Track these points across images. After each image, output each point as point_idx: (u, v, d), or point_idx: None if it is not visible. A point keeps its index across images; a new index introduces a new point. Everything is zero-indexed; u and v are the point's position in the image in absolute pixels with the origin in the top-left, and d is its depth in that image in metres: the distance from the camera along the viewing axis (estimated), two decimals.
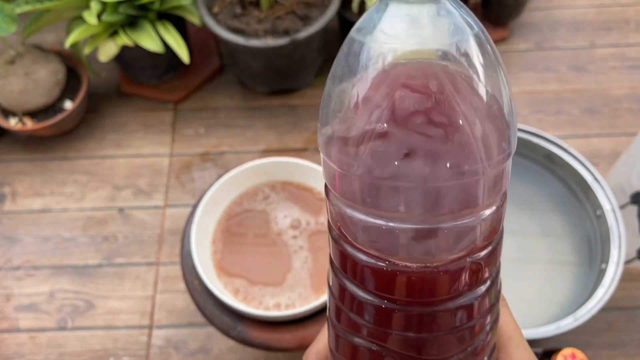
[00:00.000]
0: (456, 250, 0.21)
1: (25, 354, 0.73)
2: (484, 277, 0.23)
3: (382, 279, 0.22)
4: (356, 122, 0.20)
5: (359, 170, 0.20)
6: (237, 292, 0.61)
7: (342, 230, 0.23)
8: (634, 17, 1.03)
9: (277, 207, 0.66)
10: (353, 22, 0.87)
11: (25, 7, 0.76)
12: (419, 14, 0.20)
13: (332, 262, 0.25)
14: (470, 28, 0.20)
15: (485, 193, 0.20)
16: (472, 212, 0.21)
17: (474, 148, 0.19)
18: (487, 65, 0.20)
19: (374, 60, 0.20)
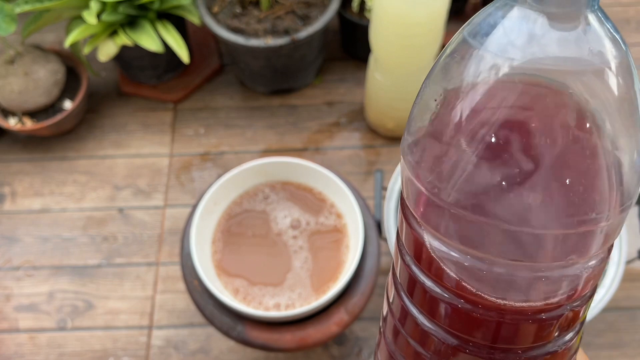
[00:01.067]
0: (550, 298, 0.18)
1: (24, 354, 0.73)
2: (575, 323, 0.20)
3: (454, 316, 0.19)
4: (456, 141, 0.16)
5: (449, 198, 0.17)
6: (237, 292, 0.61)
7: (416, 255, 0.20)
8: (635, 16, 1.03)
9: (277, 207, 0.66)
10: (353, 21, 0.88)
11: (25, 6, 0.76)
12: (556, 25, 0.16)
13: (397, 280, 0.22)
14: (619, 48, 0.16)
15: (599, 243, 0.17)
16: (579, 262, 0.18)
17: (603, 195, 0.16)
18: (627, 99, 0.16)
19: (488, 73, 0.16)
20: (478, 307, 0.18)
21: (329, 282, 0.60)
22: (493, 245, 0.17)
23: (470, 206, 0.16)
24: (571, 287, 0.18)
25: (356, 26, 0.89)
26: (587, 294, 0.19)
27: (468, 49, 0.17)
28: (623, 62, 0.16)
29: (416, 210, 0.19)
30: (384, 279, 0.76)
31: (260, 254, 0.63)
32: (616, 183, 0.16)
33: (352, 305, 0.59)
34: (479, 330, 0.19)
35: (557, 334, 0.19)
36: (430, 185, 0.17)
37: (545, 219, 0.16)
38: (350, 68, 0.97)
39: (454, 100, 0.17)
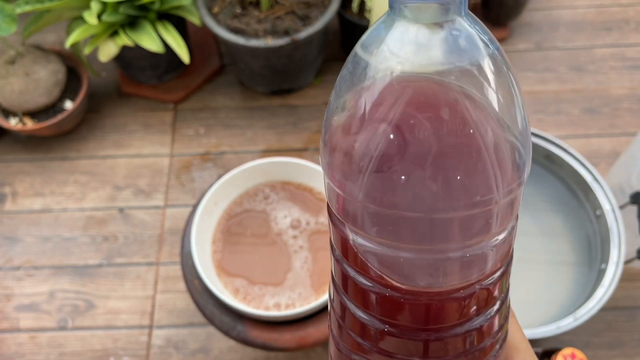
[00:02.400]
0: (465, 278, 0.20)
1: (25, 353, 0.73)
2: (494, 300, 0.22)
3: (385, 304, 0.21)
4: (359, 144, 0.18)
5: (361, 195, 0.19)
6: (237, 292, 0.61)
7: (344, 251, 0.21)
8: (634, 17, 1.03)
9: (277, 207, 0.66)
10: (353, 22, 0.88)
11: (25, 7, 0.76)
12: (430, 33, 0.18)
13: (334, 279, 0.24)
14: (486, 47, 0.18)
15: (498, 222, 0.19)
16: (483, 241, 0.19)
17: (489, 177, 0.18)
18: (502, 87, 0.19)
19: (379, 80, 0.18)
20: (401, 293, 0.20)
21: (329, 282, 0.60)
22: (403, 234, 0.19)
23: (376, 200, 0.18)
24: (484, 264, 0.20)
25: (356, 26, 0.89)
26: (499, 269, 0.21)
27: (359, 60, 0.19)
28: (494, 56, 0.18)
29: (335, 208, 0.20)
30: None
31: (260, 254, 0.63)
32: (502, 166, 0.18)
33: None
34: (406, 315, 0.21)
35: (478, 311, 0.21)
36: (340, 184, 0.19)
37: (440, 205, 0.18)
38: None
39: (351, 106, 0.19)
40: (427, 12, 0.18)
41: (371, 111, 0.18)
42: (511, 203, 0.19)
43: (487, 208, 0.18)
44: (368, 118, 0.18)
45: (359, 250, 0.20)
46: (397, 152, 0.18)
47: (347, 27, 0.92)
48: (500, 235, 0.20)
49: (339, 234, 0.21)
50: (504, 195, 0.19)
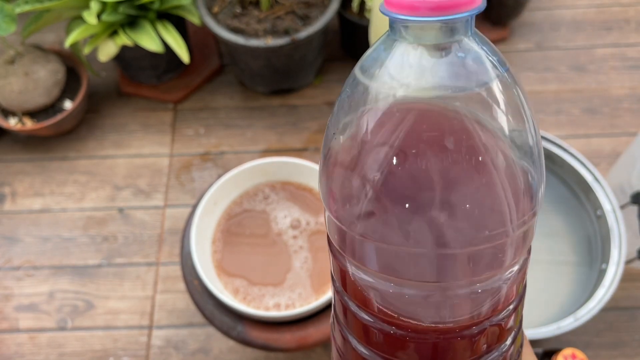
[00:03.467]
0: (477, 313, 0.18)
1: (25, 354, 0.73)
2: (509, 332, 0.20)
3: (387, 341, 0.19)
4: (359, 175, 0.17)
5: (361, 229, 0.17)
6: (237, 292, 0.61)
7: (344, 285, 0.20)
8: (634, 17, 1.03)
9: (277, 207, 0.66)
10: (353, 21, 0.88)
11: (25, 7, 0.76)
12: (434, 55, 0.16)
13: (335, 310, 0.22)
14: (494, 69, 0.17)
15: (511, 255, 0.18)
16: (495, 275, 0.18)
17: (502, 209, 0.16)
18: (512, 112, 0.17)
19: (379, 106, 0.17)
20: (405, 330, 0.18)
21: (329, 282, 0.60)
22: (406, 270, 0.17)
23: (377, 234, 0.17)
24: (496, 298, 0.18)
25: (356, 26, 0.89)
26: (512, 302, 0.19)
27: (358, 84, 0.18)
28: (504, 78, 0.17)
29: (336, 241, 0.19)
30: None
31: (260, 254, 0.63)
32: (515, 196, 0.16)
33: None
34: (410, 353, 0.19)
35: (492, 346, 0.19)
36: (339, 217, 0.18)
37: (447, 240, 0.16)
38: (350, 68, 0.96)
39: (350, 135, 0.17)
40: (431, 32, 0.16)
41: (371, 141, 0.17)
42: (525, 234, 0.18)
43: (499, 242, 0.17)
44: (368, 149, 0.17)
45: (359, 284, 0.19)
46: (399, 185, 0.16)
47: (347, 27, 0.92)
48: (514, 267, 0.18)
49: (339, 267, 0.20)
50: (518, 227, 0.17)
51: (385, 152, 0.16)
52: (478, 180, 0.16)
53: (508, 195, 0.16)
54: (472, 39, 0.17)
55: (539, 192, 0.18)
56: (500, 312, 0.19)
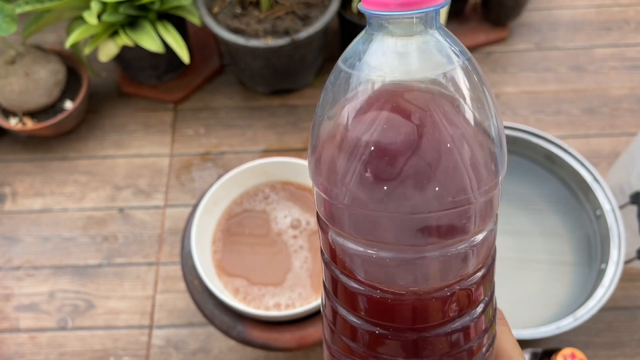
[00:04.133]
0: (447, 277, 0.21)
1: (25, 354, 0.73)
2: (478, 299, 0.22)
3: (372, 306, 0.22)
4: (342, 151, 0.20)
5: (345, 199, 0.20)
6: (237, 292, 0.61)
7: (332, 255, 0.22)
8: (634, 17, 1.03)
9: (277, 207, 0.66)
10: (353, 22, 0.88)
11: (25, 7, 0.76)
12: (404, 45, 0.20)
13: (325, 285, 0.25)
14: (457, 57, 0.20)
15: (476, 221, 0.20)
16: (462, 240, 0.20)
17: (464, 177, 0.19)
18: (473, 94, 0.20)
19: (360, 91, 0.20)
20: (386, 294, 0.21)
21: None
22: (383, 234, 0.20)
23: (358, 202, 0.20)
24: (466, 263, 0.21)
25: (356, 26, 0.89)
26: (481, 269, 0.22)
27: (340, 73, 0.21)
28: (465, 65, 0.20)
29: (323, 214, 0.21)
30: None
31: (260, 254, 0.63)
32: (479, 163, 0.19)
33: None
34: (392, 316, 0.22)
35: (461, 311, 0.22)
36: (325, 189, 0.21)
37: (417, 204, 0.19)
38: None
39: (334, 115, 0.20)
40: (400, 25, 0.20)
41: (353, 120, 0.20)
42: (489, 203, 0.20)
43: (463, 207, 0.19)
44: (350, 126, 0.20)
45: (344, 253, 0.21)
46: (376, 157, 0.19)
47: (347, 27, 0.92)
48: (479, 235, 0.21)
49: (326, 238, 0.22)
50: (481, 195, 0.20)
51: (362, 128, 0.19)
52: (442, 151, 0.19)
53: (468, 166, 0.19)
54: (437, 31, 0.20)
55: (500, 166, 0.20)
56: (469, 277, 0.21)
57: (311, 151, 0.22)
